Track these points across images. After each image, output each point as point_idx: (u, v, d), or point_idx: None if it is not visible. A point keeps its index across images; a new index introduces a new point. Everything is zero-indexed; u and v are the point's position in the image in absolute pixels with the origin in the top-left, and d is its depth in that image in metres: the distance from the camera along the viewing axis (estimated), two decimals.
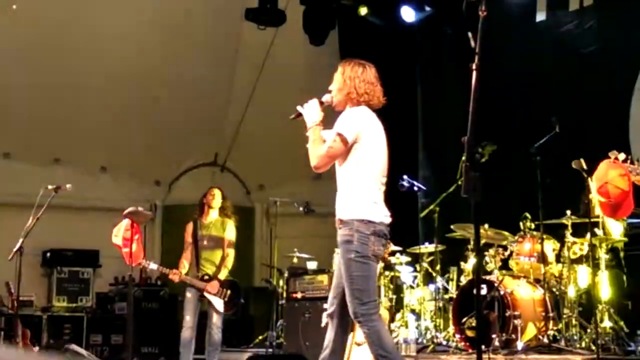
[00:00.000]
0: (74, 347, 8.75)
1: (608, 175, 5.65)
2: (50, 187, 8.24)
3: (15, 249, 7.86)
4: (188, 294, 8.54)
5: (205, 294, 8.53)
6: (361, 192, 5.19)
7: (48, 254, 12.49)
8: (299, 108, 5.40)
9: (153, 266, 8.36)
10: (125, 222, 7.41)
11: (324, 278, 9.63)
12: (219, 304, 8.57)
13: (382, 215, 5.23)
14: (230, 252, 8.89)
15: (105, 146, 13.02)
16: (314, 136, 5.26)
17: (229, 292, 8.67)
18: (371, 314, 5.07)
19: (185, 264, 8.61)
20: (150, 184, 14.05)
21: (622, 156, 5.51)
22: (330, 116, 5.39)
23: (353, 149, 5.22)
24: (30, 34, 11.35)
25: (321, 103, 5.37)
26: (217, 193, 8.96)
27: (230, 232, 8.93)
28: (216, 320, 8.56)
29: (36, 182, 8.73)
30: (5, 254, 8.15)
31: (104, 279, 12.63)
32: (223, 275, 8.73)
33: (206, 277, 8.59)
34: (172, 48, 12.32)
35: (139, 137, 12.97)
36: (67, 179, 9.10)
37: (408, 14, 11.13)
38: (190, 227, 8.79)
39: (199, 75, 12.80)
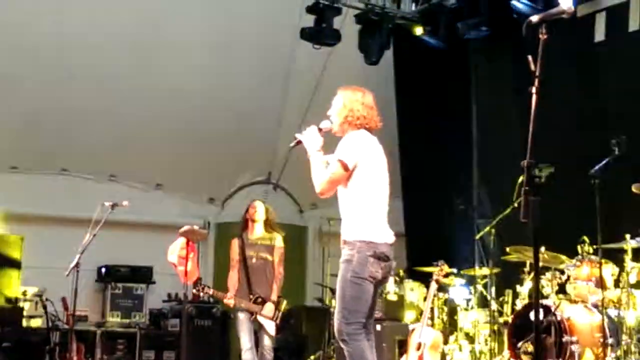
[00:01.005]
0: None
1: None
2: (107, 203, 8.32)
3: (72, 265, 7.94)
4: (240, 315, 8.20)
5: (258, 317, 8.20)
6: (363, 214, 5.30)
7: (103, 270, 12.61)
8: (297, 136, 5.57)
9: (208, 290, 8.22)
10: (181, 241, 7.43)
11: (378, 299, 9.56)
12: (270, 326, 8.24)
13: (385, 236, 5.32)
14: (280, 270, 8.46)
15: (161, 163, 13.13)
16: (315, 163, 5.40)
17: (280, 313, 8.32)
18: (356, 334, 5.18)
19: (234, 284, 8.29)
20: (204, 201, 14.14)
21: None
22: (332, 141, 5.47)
23: (354, 173, 5.31)
24: (88, 52, 11.51)
25: (320, 130, 5.51)
26: (258, 205, 8.55)
27: (279, 249, 8.49)
28: (268, 342, 8.24)
29: (92, 198, 8.83)
30: (62, 269, 8.24)
31: (157, 295, 12.71)
32: (275, 296, 8.33)
33: (259, 300, 8.22)
34: (227, 65, 12.40)
35: (194, 155, 13.05)
36: (122, 195, 9.20)
37: (463, 30, 11.03)
38: (236, 243, 8.42)
39: (252, 93, 12.86)
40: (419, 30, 11.41)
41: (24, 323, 11.14)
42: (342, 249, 5.36)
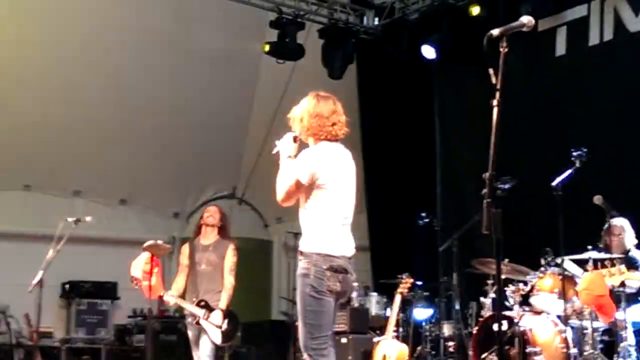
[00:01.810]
0: None
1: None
2: (70, 219, 8.27)
3: (35, 282, 7.88)
4: (189, 332, 7.93)
5: (202, 322, 7.78)
6: (321, 226, 5.20)
7: (67, 286, 12.52)
8: (277, 142, 5.43)
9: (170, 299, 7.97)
10: (145, 255, 7.40)
11: (343, 313, 9.60)
12: (215, 334, 7.80)
13: (343, 249, 5.22)
14: (231, 279, 8.09)
15: (125, 178, 13.09)
16: (282, 170, 5.28)
17: (226, 321, 7.88)
18: (322, 348, 5.13)
19: (179, 288, 7.97)
20: (169, 216, 14.11)
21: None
22: None
23: (313, 187, 5.21)
24: (49, 66, 11.45)
25: (295, 138, 5.36)
26: (213, 210, 8.34)
27: (231, 257, 8.16)
28: (207, 349, 7.80)
29: (56, 214, 8.78)
30: (25, 285, 8.18)
31: (122, 311, 12.65)
32: (224, 304, 7.93)
33: (202, 303, 7.83)
34: (190, 81, 12.39)
35: (158, 170, 13.03)
36: (86, 211, 9.17)
37: (429, 52, 11.13)
38: (186, 248, 8.16)
39: (217, 108, 12.87)
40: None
41: None
42: (298, 260, 5.28)
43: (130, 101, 12.18)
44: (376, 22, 11.99)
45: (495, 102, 3.81)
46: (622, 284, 6.77)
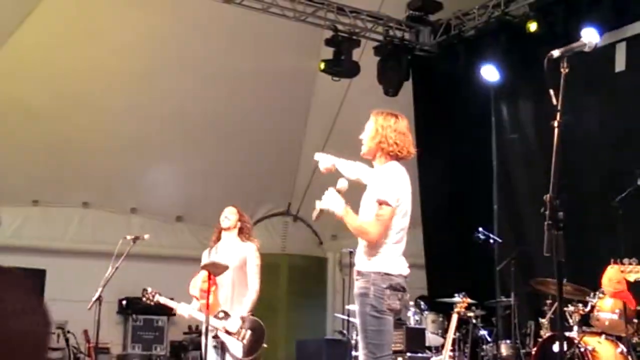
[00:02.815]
0: None
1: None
2: (128, 237, 8.35)
3: (94, 298, 7.95)
4: (210, 346, 7.30)
5: (220, 334, 7.31)
6: (381, 246, 5.20)
7: (124, 302, 12.62)
8: (317, 204, 5.39)
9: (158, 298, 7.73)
10: (203, 274, 7.43)
11: (399, 332, 9.53)
12: (236, 347, 7.30)
13: (400, 268, 5.24)
14: (254, 284, 7.57)
15: (181, 196, 13.19)
16: (352, 220, 5.22)
17: (248, 332, 7.35)
18: None
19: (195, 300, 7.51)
20: None
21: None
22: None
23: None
24: (108, 85, 11.60)
25: (338, 191, 5.32)
26: (228, 211, 7.91)
27: (253, 259, 7.65)
28: None
29: (113, 231, 8.90)
30: (83, 302, 8.27)
31: (178, 327, 12.71)
32: (245, 310, 7.42)
33: (221, 315, 7.39)
34: (247, 98, 12.46)
35: (213, 187, 13.10)
36: (143, 228, 9.26)
37: (491, 74, 11.01)
38: (204, 255, 7.82)
39: (272, 125, 12.92)
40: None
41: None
42: (355, 280, 5.28)
43: (187, 118, 12.29)
44: (432, 39, 11.94)
45: (556, 124, 3.77)
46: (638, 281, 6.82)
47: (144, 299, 7.92)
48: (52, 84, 11.34)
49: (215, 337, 7.36)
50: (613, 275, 6.81)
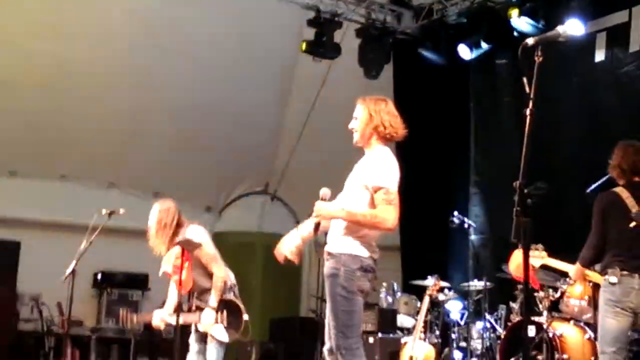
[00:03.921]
0: None
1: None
2: (104, 211, 8.36)
3: (68, 271, 7.97)
4: (191, 347, 7.38)
5: (200, 328, 7.29)
6: (357, 229, 5.23)
7: (99, 276, 12.62)
8: (311, 221, 5.44)
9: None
10: (176, 250, 7.45)
11: (370, 312, 9.61)
12: (220, 333, 7.25)
13: (371, 251, 5.27)
14: (214, 271, 7.36)
15: (159, 171, 13.14)
16: (355, 215, 5.21)
17: (224, 313, 7.28)
18: (354, 348, 5.16)
19: (172, 305, 7.50)
20: (201, 210, 14.15)
21: None
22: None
23: (370, 194, 5.24)
24: (94, 60, 11.56)
25: (323, 199, 5.32)
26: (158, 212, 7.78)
27: (198, 248, 7.32)
28: (216, 354, 7.22)
29: (90, 205, 8.86)
30: (58, 274, 8.28)
31: (152, 302, 12.69)
32: (214, 301, 7.27)
33: (193, 308, 7.35)
34: (227, 76, 12.44)
35: (192, 164, 13.08)
36: (120, 203, 9.23)
37: (465, 52, 11.10)
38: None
39: (252, 102, 12.91)
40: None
41: (19, 327, 11.15)
42: (325, 260, 5.33)
43: (168, 93, 12.25)
44: (414, 23, 11.95)
45: (528, 112, 3.82)
46: (543, 266, 7.09)
47: (121, 324, 7.87)
48: (31, 53, 11.26)
49: (196, 330, 7.34)
50: (519, 257, 6.95)
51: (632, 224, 6.10)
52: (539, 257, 6.91)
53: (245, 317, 7.37)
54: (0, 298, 11.04)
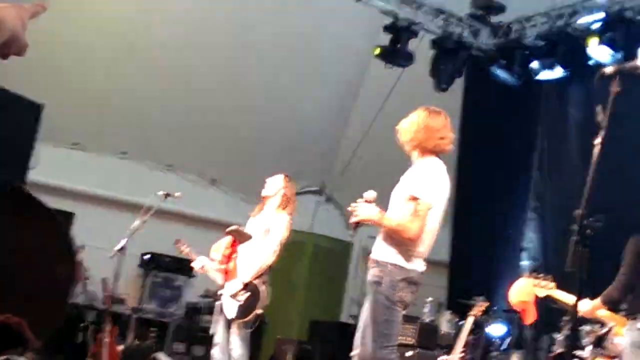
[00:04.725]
0: (160, 355, 8.83)
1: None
2: (160, 192, 8.40)
3: (117, 248, 8.02)
4: (217, 303, 7.42)
5: (223, 297, 7.29)
6: (404, 241, 5.21)
7: (146, 257, 12.69)
8: (353, 219, 5.44)
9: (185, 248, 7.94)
10: (227, 239, 7.45)
11: (411, 326, 9.52)
12: (232, 307, 7.18)
13: (417, 264, 5.28)
14: (267, 251, 7.27)
15: (219, 159, 13.20)
16: (388, 222, 5.27)
17: (246, 295, 7.18)
18: (390, 358, 5.17)
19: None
20: (256, 203, 14.16)
21: None
22: None
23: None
24: (160, 42, 11.64)
25: (368, 201, 5.39)
26: (270, 179, 7.80)
27: (272, 223, 7.37)
28: (233, 329, 7.16)
29: (147, 185, 8.92)
30: (107, 250, 8.34)
31: (196, 289, 12.75)
32: (248, 276, 7.22)
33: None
34: (298, 70, 12.45)
35: (252, 155, 13.11)
36: (177, 186, 9.28)
37: (538, 69, 10.91)
38: (248, 223, 7.74)
39: (320, 102, 12.91)
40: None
41: None
42: (370, 267, 5.34)
43: (236, 84, 12.30)
44: (491, 40, 11.83)
45: (598, 141, 3.73)
46: (548, 297, 6.91)
47: (176, 245, 8.16)
48: (109, 31, 11.40)
49: (218, 297, 7.37)
50: (523, 286, 6.95)
51: None
52: (545, 287, 6.78)
53: (259, 311, 7.24)
54: None
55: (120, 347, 9.54)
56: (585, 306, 6.40)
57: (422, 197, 5.20)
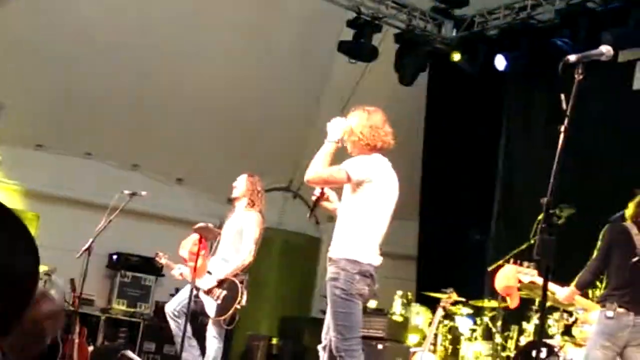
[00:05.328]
0: (129, 353, 8.81)
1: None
2: (126, 191, 8.36)
3: (84, 248, 7.98)
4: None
5: (200, 295, 7.46)
6: (354, 235, 5.42)
7: (114, 257, 12.62)
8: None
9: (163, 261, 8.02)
10: (194, 237, 7.44)
11: (382, 319, 9.54)
12: (209, 305, 7.43)
13: (370, 258, 5.42)
14: (243, 250, 7.46)
15: (184, 158, 13.16)
16: (324, 151, 5.57)
17: (223, 293, 7.41)
18: (353, 350, 5.31)
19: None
20: (222, 201, 14.14)
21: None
22: None
23: (359, 193, 5.43)
24: (122, 40, 11.56)
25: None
26: (238, 179, 7.92)
27: (244, 222, 7.54)
28: (209, 329, 7.52)
29: (112, 185, 8.86)
30: (74, 251, 8.29)
31: (165, 288, 12.69)
32: (223, 273, 7.43)
33: (206, 276, 7.49)
34: (261, 70, 12.42)
35: (217, 154, 13.08)
36: (143, 186, 9.23)
37: (501, 63, 11.01)
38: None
39: (284, 99, 12.89)
40: (457, 57, 11.39)
41: None
42: (328, 266, 5.50)
43: (201, 81, 12.24)
44: (454, 34, 11.88)
45: (562, 128, 3.76)
46: (532, 283, 6.98)
47: (156, 258, 8.28)
48: (68, 30, 11.30)
49: (197, 297, 7.46)
50: (508, 272, 7.06)
51: (635, 259, 6.05)
52: (529, 274, 6.88)
53: (238, 306, 7.36)
54: None
55: (90, 348, 9.48)
56: (563, 292, 6.49)
57: (348, 170, 5.42)
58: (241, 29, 11.91)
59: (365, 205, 5.43)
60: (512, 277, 7.09)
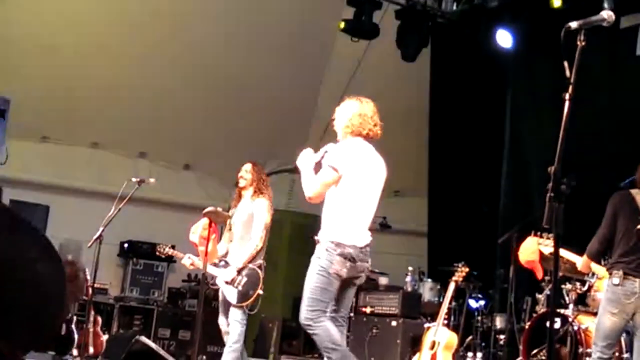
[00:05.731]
0: (143, 339, 8.85)
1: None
2: (134, 179, 8.38)
3: (95, 237, 8.00)
4: (220, 299, 7.62)
5: (217, 282, 7.47)
6: (340, 217, 5.64)
7: (125, 245, 12.66)
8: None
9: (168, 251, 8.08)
10: (204, 221, 7.44)
11: (395, 296, 9.56)
12: (231, 293, 7.40)
13: (355, 239, 5.64)
14: (254, 236, 7.54)
15: (190, 144, 13.18)
16: (306, 172, 5.82)
17: (244, 279, 7.42)
18: (318, 317, 5.52)
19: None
20: (230, 185, 14.12)
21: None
22: None
23: (341, 179, 5.64)
24: (128, 31, 11.56)
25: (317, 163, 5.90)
26: (244, 169, 7.90)
27: (254, 209, 7.59)
28: (232, 313, 7.39)
29: (120, 174, 8.88)
30: (85, 241, 8.32)
31: (177, 274, 12.76)
32: (240, 262, 7.47)
33: (222, 264, 7.51)
34: (264, 53, 12.40)
35: (223, 139, 13.09)
36: (150, 173, 9.25)
37: (504, 39, 10.95)
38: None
39: (288, 81, 12.87)
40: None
41: None
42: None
43: (202, 69, 12.24)
44: (454, 7, 11.82)
45: (567, 96, 3.73)
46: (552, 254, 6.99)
47: (157, 252, 8.25)
48: (75, 23, 11.30)
49: (213, 285, 7.54)
50: (530, 245, 7.26)
51: (639, 226, 6.05)
52: (550, 245, 6.89)
53: (260, 291, 7.47)
54: None
55: (105, 337, 9.52)
56: (579, 261, 6.53)
57: (334, 166, 5.63)
58: (242, 12, 11.88)
59: (345, 189, 5.63)
60: (534, 249, 7.16)
